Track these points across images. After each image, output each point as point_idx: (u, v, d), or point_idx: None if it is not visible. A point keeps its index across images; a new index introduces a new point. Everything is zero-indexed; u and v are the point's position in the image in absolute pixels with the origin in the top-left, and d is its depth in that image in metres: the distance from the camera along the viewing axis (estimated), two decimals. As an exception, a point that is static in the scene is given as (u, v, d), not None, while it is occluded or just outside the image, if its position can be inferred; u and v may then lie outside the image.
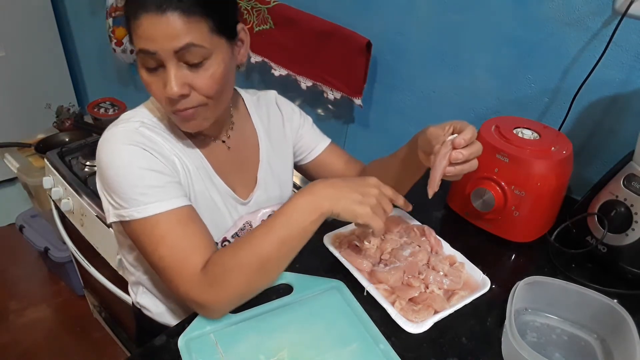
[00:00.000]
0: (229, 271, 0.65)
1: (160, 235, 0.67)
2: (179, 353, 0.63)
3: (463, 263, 0.79)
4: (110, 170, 0.68)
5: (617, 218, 0.78)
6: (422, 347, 0.67)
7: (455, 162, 0.66)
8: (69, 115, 2.03)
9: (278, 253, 0.67)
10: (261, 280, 0.69)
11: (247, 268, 0.66)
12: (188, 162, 0.76)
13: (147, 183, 0.68)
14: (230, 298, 0.67)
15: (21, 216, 1.99)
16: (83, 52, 2.42)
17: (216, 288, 0.65)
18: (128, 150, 0.68)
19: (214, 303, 0.66)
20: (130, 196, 0.67)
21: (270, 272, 0.69)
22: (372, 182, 0.71)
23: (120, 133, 0.70)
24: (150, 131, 0.73)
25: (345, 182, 0.70)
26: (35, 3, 2.16)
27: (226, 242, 0.83)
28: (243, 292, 0.68)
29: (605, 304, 0.68)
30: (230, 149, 0.85)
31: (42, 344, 1.82)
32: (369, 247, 0.81)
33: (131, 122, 0.73)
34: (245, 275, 0.66)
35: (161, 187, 0.69)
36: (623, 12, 0.83)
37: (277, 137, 0.92)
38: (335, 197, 0.67)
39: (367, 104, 1.33)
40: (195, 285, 0.65)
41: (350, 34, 1.21)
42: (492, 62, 1.06)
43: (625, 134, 0.93)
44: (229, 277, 0.65)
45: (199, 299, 0.65)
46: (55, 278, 2.10)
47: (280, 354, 0.63)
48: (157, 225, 0.67)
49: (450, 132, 0.69)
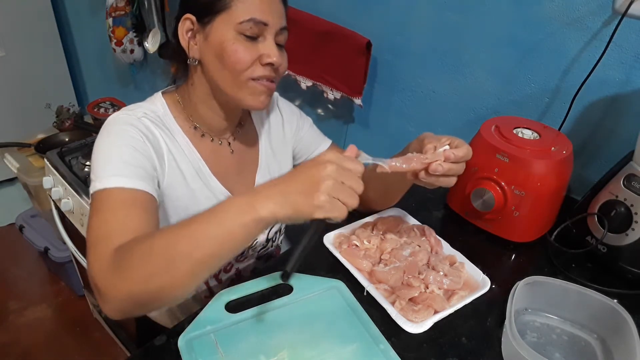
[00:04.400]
0: (135, 258, 0.56)
1: (102, 207, 0.64)
2: (179, 353, 0.63)
3: (463, 263, 0.79)
4: (98, 144, 0.70)
5: (617, 218, 0.78)
6: (422, 347, 0.67)
7: (433, 172, 0.66)
8: (69, 115, 2.03)
9: (192, 252, 0.54)
10: (165, 279, 0.54)
11: (154, 260, 0.54)
12: (182, 161, 0.77)
13: (124, 158, 0.67)
14: (128, 290, 0.55)
15: (21, 216, 1.99)
16: (83, 52, 2.42)
17: (117, 275, 0.56)
18: (122, 129, 0.70)
19: (110, 291, 0.56)
20: (103, 167, 0.66)
21: (177, 272, 0.54)
22: (325, 158, 0.55)
23: (120, 118, 0.73)
24: (152, 123, 0.74)
25: (292, 174, 0.56)
26: (35, 3, 2.16)
27: None
28: (142, 288, 0.55)
29: (605, 304, 0.68)
30: (233, 153, 0.85)
31: (42, 344, 1.82)
32: (369, 247, 0.81)
33: (135, 111, 0.75)
34: (150, 266, 0.54)
35: (133, 166, 0.67)
36: (623, 12, 0.83)
37: (277, 139, 0.92)
38: (281, 196, 0.54)
39: (367, 104, 1.33)
40: (101, 266, 0.57)
41: (350, 34, 1.21)
42: (492, 62, 1.06)
43: (625, 134, 0.93)
44: (131, 264, 0.55)
45: (99, 283, 0.57)
46: (55, 278, 2.10)
47: (280, 354, 0.63)
48: (107, 197, 0.64)
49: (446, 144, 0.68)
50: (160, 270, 0.54)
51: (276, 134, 0.92)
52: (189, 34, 0.74)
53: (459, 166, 0.67)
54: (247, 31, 0.70)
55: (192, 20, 0.73)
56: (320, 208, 0.53)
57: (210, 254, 0.54)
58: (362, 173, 0.57)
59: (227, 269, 0.90)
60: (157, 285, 0.54)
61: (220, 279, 0.91)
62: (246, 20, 0.70)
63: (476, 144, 0.89)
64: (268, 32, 0.72)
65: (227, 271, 0.91)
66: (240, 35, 0.70)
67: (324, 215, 0.53)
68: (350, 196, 0.55)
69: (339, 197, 0.54)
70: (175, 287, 0.55)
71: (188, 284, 0.56)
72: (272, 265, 0.80)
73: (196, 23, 0.73)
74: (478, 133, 0.89)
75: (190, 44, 0.74)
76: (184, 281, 0.55)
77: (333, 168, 0.54)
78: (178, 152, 0.76)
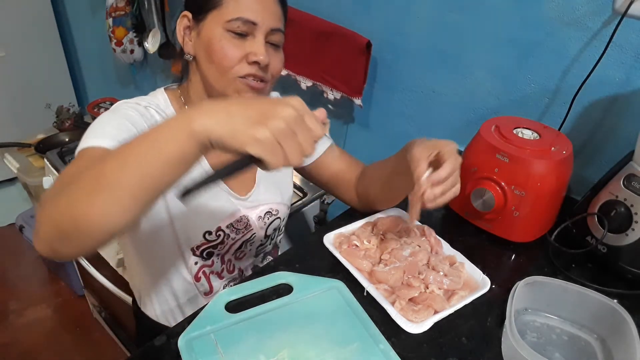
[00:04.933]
0: (67, 184, 0.50)
1: (75, 162, 0.61)
2: (179, 353, 0.62)
3: (463, 263, 0.79)
4: (96, 120, 0.71)
5: (617, 218, 0.78)
6: (422, 347, 0.67)
7: (429, 201, 0.66)
8: (69, 115, 2.03)
9: (119, 175, 0.47)
10: (87, 204, 0.48)
11: (82, 183, 0.49)
12: None
13: (112, 124, 0.68)
14: (52, 217, 0.49)
15: (21, 216, 1.99)
16: (83, 52, 2.42)
17: (48, 202, 0.51)
18: (123, 108, 0.73)
19: (40, 218, 0.51)
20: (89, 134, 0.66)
21: (101, 196, 0.47)
22: (291, 102, 0.49)
23: (126, 102, 0.76)
24: (156, 112, 0.76)
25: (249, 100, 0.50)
26: (35, 3, 2.16)
27: (220, 232, 0.83)
28: (64, 212, 0.49)
29: (605, 304, 0.68)
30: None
31: (42, 344, 1.82)
32: (369, 247, 0.81)
33: (140, 101, 0.77)
34: (76, 191, 0.49)
35: (118, 130, 0.67)
36: (623, 12, 0.83)
37: None
38: (224, 114, 0.47)
39: (367, 104, 1.33)
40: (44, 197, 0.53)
41: (350, 34, 1.21)
42: (492, 62, 1.06)
43: (625, 134, 0.93)
44: (61, 190, 0.50)
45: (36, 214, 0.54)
46: (55, 278, 2.10)
47: (280, 354, 0.63)
48: (83, 154, 0.63)
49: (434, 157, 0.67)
50: (83, 195, 0.48)
51: None
52: (186, 30, 0.77)
53: (452, 179, 0.66)
54: (236, 29, 0.72)
55: (188, 17, 0.76)
56: (258, 143, 0.45)
57: (139, 176, 0.47)
58: (319, 138, 0.51)
59: (230, 270, 0.90)
60: (79, 210, 0.48)
61: (223, 277, 0.91)
62: (234, 19, 0.71)
63: (476, 144, 0.89)
64: (258, 32, 0.73)
65: (231, 272, 0.91)
66: (229, 32, 0.72)
67: (257, 153, 0.46)
68: (295, 150, 0.48)
69: (283, 145, 0.47)
70: (97, 214, 0.47)
71: (110, 212, 0.48)
72: (273, 265, 0.80)
73: (192, 20, 0.76)
74: (478, 133, 0.89)
75: (185, 40, 0.77)
76: (106, 207, 0.47)
77: (293, 114, 0.47)
78: None
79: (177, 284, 0.86)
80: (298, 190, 1.43)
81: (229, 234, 0.84)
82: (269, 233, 0.92)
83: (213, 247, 0.84)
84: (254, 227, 0.87)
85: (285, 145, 0.47)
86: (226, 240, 0.85)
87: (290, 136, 0.47)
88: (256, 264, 0.97)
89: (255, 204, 0.87)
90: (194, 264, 0.85)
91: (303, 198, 1.41)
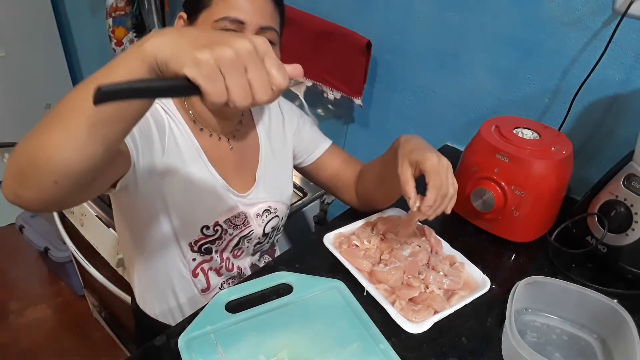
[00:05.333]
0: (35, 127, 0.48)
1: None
2: (179, 353, 0.62)
3: (463, 263, 0.79)
4: None
5: (617, 218, 0.78)
6: (422, 347, 0.67)
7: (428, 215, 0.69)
8: (69, 115, 2.03)
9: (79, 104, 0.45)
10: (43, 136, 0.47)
11: (43, 120, 0.48)
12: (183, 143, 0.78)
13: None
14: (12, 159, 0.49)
15: (21, 216, 1.99)
16: (83, 52, 2.42)
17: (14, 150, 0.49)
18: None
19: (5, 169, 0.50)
20: None
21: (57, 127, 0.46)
22: (254, 38, 0.43)
23: None
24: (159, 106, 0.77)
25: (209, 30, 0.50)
26: (35, 3, 2.16)
27: (218, 227, 0.83)
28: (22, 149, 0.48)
29: (605, 304, 0.68)
30: (232, 149, 0.85)
31: (42, 344, 1.82)
32: (369, 247, 0.81)
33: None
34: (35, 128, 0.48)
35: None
36: (623, 12, 0.83)
37: (278, 138, 0.93)
38: (176, 37, 0.43)
39: (367, 104, 1.33)
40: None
41: (350, 34, 1.21)
42: (492, 62, 1.06)
43: (625, 134, 0.93)
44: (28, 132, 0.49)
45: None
46: (55, 278, 2.10)
47: (280, 354, 0.63)
48: None
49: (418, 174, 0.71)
50: (40, 131, 0.47)
51: (276, 133, 0.93)
52: None
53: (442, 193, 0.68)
54: (224, 28, 0.72)
55: (184, 18, 0.78)
56: (196, 65, 0.40)
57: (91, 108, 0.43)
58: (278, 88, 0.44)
59: (229, 268, 0.91)
60: (34, 144, 0.47)
61: (221, 274, 0.91)
62: (222, 18, 0.72)
63: (476, 144, 0.89)
64: (246, 30, 0.73)
65: (230, 270, 0.91)
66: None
67: (193, 75, 0.40)
68: (239, 88, 0.41)
69: (226, 77, 0.41)
70: (51, 147, 0.46)
71: (64, 146, 0.46)
72: (273, 265, 0.80)
73: (186, 20, 0.77)
74: (478, 133, 0.89)
75: None
76: (59, 141, 0.45)
77: (248, 47, 0.41)
78: (179, 134, 0.78)
79: (175, 280, 0.86)
80: (298, 190, 1.43)
81: (227, 229, 0.84)
82: (267, 231, 0.92)
83: (211, 243, 0.84)
84: (252, 224, 0.88)
85: (228, 77, 0.41)
86: (224, 236, 0.85)
87: (237, 69, 0.41)
88: (254, 262, 0.97)
89: (254, 202, 0.87)
90: (192, 260, 0.85)
91: (303, 198, 1.41)
